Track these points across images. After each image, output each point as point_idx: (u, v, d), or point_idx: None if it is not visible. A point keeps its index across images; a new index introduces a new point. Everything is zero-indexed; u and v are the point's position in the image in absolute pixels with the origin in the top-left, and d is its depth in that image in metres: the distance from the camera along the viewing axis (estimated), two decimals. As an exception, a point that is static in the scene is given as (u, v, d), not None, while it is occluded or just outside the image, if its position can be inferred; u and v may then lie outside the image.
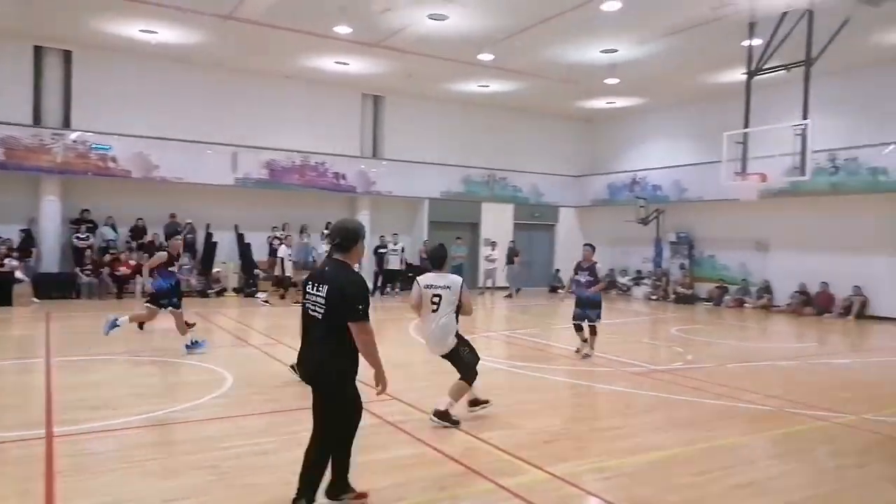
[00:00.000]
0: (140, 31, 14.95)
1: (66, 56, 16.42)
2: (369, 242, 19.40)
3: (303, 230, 18.83)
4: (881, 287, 15.56)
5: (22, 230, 15.74)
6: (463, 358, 5.98)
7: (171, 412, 6.02)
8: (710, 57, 15.73)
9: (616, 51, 15.63)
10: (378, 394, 4.07)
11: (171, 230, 17.36)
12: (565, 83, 18.22)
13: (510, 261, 20.17)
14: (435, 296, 5.85)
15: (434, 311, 5.85)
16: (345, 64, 17.32)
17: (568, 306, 17.95)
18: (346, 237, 3.96)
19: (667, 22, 13.62)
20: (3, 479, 4.36)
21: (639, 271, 21.58)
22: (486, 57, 15.65)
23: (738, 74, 15.43)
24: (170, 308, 9.40)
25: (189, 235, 17.64)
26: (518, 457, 5.02)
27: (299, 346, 4.10)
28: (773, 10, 12.23)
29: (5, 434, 5.23)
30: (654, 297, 19.82)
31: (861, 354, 11.26)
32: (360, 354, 3.92)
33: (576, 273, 9.70)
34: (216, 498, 4.17)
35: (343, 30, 14.14)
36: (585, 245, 9.89)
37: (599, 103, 21.20)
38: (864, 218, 15.75)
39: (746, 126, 13.51)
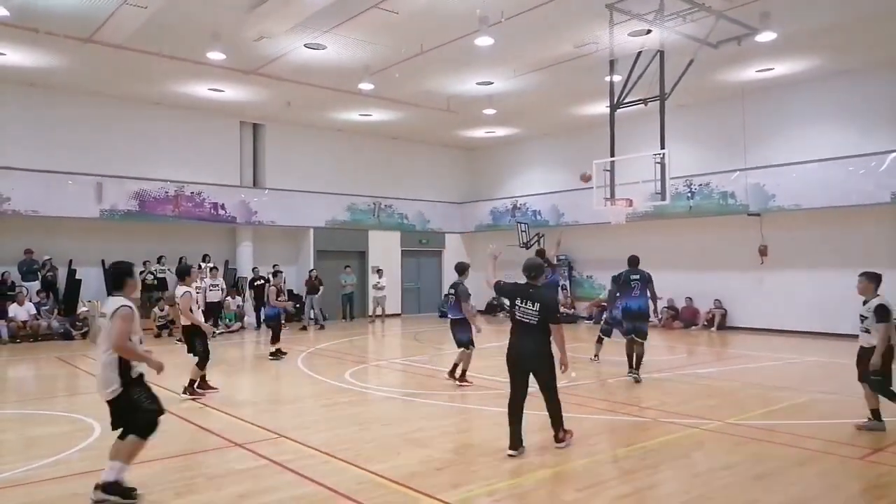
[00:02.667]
0: (-13, 52, 13.70)
1: None
2: (249, 275, 18.76)
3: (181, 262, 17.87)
4: (737, 300, 17.11)
5: None
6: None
7: (26, 471, 5.44)
8: (576, 91, 16.81)
9: (492, 83, 16.30)
10: (563, 371, 6.12)
11: (28, 267, 15.92)
12: (446, 113, 18.70)
13: (314, 290, 18.73)
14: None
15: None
16: (220, 91, 16.78)
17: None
18: (538, 270, 6.28)
19: (535, 57, 14.43)
20: None
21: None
22: (366, 86, 15.75)
23: (603, 107, 16.56)
24: None
25: (49, 273, 16.21)
26: (410, 487, 4.99)
27: (510, 339, 6.12)
28: (630, 49, 13.30)
29: None
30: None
31: (724, 363, 12.27)
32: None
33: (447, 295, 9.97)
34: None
35: (216, 56, 13.67)
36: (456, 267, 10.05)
37: (479, 132, 21.93)
38: (719, 237, 17.34)
39: (612, 155, 14.45)
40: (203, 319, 9.04)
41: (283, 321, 13.44)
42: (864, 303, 6.58)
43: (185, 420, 7.29)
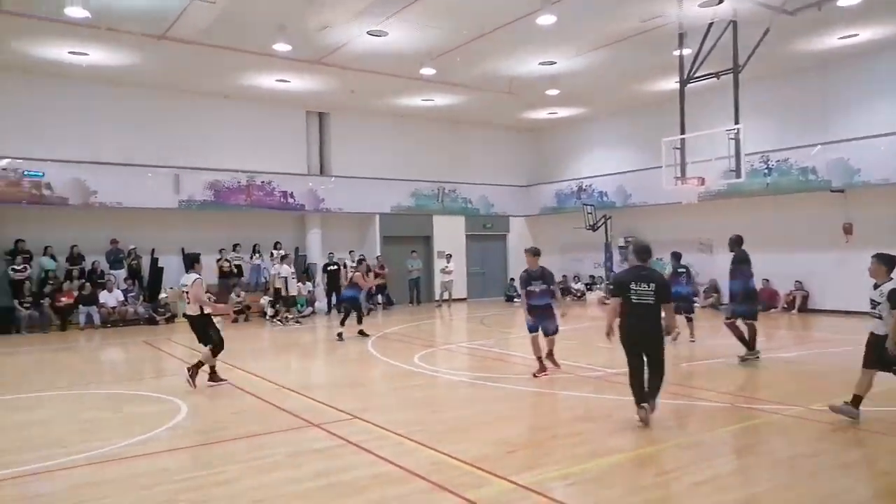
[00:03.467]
0: (69, 52, 14.46)
1: (-7, 81, 15.75)
2: (319, 261, 19.25)
3: (255, 250, 18.58)
4: (820, 281, 16.29)
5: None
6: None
7: (123, 447, 5.79)
8: (643, 67, 16.28)
9: (554, 63, 15.99)
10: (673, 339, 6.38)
11: (115, 256, 16.86)
12: (508, 95, 18.52)
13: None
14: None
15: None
16: (286, 81, 17.16)
17: (522, 315, 18.20)
18: (648, 253, 6.42)
19: (600, 34, 14.05)
20: (-57, 531, 4.11)
21: (592, 276, 22.00)
22: (428, 71, 15.77)
23: (672, 83, 16.00)
24: None
25: (134, 262, 17.11)
26: (482, 468, 5.02)
27: (625, 321, 6.19)
28: (700, 20, 12.76)
29: (-58, 483, 4.93)
30: (607, 302, 20.14)
31: (805, 347, 11.74)
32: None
33: (529, 283, 8.69)
34: (176, 533, 4.03)
35: (282, 48, 14.01)
36: (527, 250, 8.86)
37: (542, 114, 21.62)
38: (799, 216, 16.50)
39: (682, 132, 13.98)
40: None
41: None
42: (876, 286, 6.05)
43: (263, 400, 7.58)
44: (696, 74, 13.62)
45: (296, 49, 14.23)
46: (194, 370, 8.33)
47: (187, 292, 8.51)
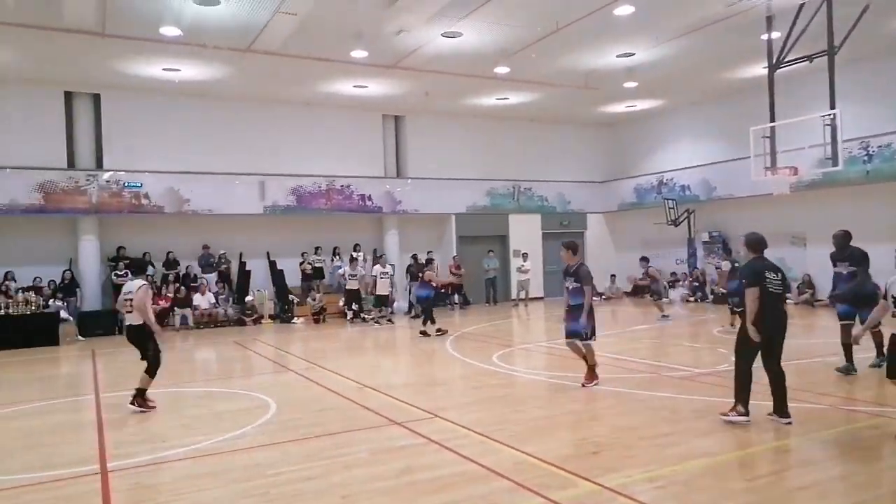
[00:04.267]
0: (163, 69, 15.37)
1: (96, 99, 16.96)
2: (399, 261, 19.55)
3: (335, 252, 19.11)
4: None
5: (64, 271, 16.17)
6: None
7: (218, 441, 6.09)
8: (728, 53, 15.58)
9: (633, 54, 15.57)
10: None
11: (206, 261, 17.74)
12: (584, 90, 18.19)
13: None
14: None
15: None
16: (363, 87, 17.55)
17: (602, 313, 17.85)
18: (765, 243, 6.20)
19: (681, 22, 13.56)
20: (62, 516, 4.45)
21: (673, 273, 21.27)
22: (502, 70, 15.73)
23: (760, 69, 15.25)
24: None
25: (223, 266, 17.95)
26: (566, 469, 4.95)
27: (773, 314, 5.99)
28: (790, 2, 12.09)
29: (61, 471, 5.34)
30: (691, 299, 19.50)
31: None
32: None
33: (564, 279, 8.23)
34: (269, 525, 4.19)
35: (359, 54, 14.36)
36: (563, 244, 8.22)
37: (620, 107, 21.11)
38: (903, 204, 15.34)
39: (772, 120, 13.30)
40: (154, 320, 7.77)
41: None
42: None
43: (346, 398, 7.78)
44: (787, 58, 12.92)
45: (372, 55, 14.55)
46: (138, 399, 7.49)
47: (130, 300, 7.51)
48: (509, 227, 21.65)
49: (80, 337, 15.01)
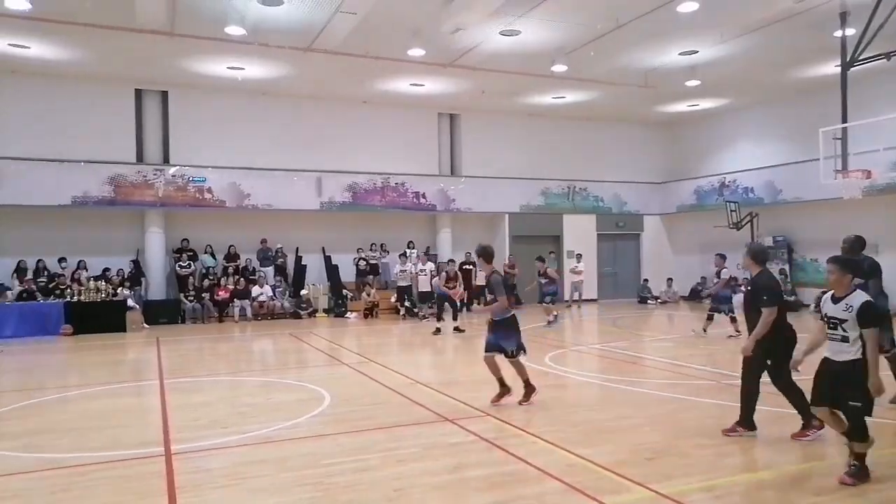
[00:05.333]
0: (228, 68, 15.84)
1: (164, 96, 17.62)
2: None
3: (382, 248, 19.31)
4: None
5: (131, 261, 16.89)
6: None
7: (274, 430, 6.24)
8: (797, 51, 14.99)
9: (696, 52, 15.17)
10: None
11: (264, 255, 18.21)
12: (644, 88, 17.82)
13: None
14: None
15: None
16: (420, 85, 17.66)
17: (658, 318, 17.46)
18: (768, 255, 5.92)
19: (748, 19, 13.12)
20: (128, 494, 4.65)
21: (734, 278, 20.57)
22: (559, 68, 15.56)
23: (831, 67, 14.61)
24: None
25: (280, 260, 18.38)
26: (620, 474, 4.87)
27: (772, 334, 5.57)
28: (868, -5, 11.55)
29: (127, 452, 5.59)
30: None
31: None
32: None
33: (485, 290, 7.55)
34: (323, 514, 4.27)
35: (417, 52, 14.46)
36: (476, 251, 7.57)
37: (681, 107, 20.59)
38: None
39: (844, 120, 12.73)
40: None
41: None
42: (837, 300, 4.76)
43: (398, 393, 7.85)
44: (862, 56, 12.34)
45: (429, 53, 14.62)
46: None
47: None
48: (563, 227, 21.41)
49: (145, 325, 15.65)
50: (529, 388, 7.21)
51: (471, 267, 18.75)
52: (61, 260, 16.03)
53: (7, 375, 10.28)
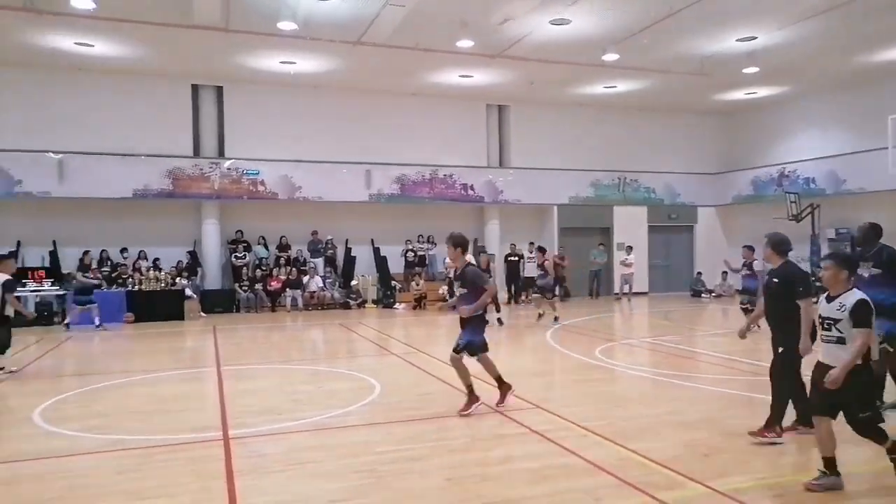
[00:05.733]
0: (280, 62, 16.12)
1: (219, 91, 18.07)
2: (499, 252, 19.54)
3: (430, 240, 19.39)
4: None
5: (188, 251, 17.44)
6: None
7: (327, 418, 6.37)
8: (864, 36, 14.32)
9: (755, 38, 14.65)
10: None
11: (314, 246, 18.53)
12: (698, 76, 17.33)
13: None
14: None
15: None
16: (469, 77, 17.60)
17: (713, 312, 17.03)
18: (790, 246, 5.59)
19: (810, 2, 12.58)
20: (189, 476, 4.82)
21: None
22: (611, 57, 15.26)
23: (903, 50, 13.90)
24: None
25: (330, 251, 18.68)
26: (674, 469, 4.78)
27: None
28: (945, -27, 10.92)
29: (188, 435, 5.79)
30: (814, 301, 18.17)
31: None
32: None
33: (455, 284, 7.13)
34: (375, 500, 4.34)
35: (465, 44, 14.41)
36: (448, 240, 6.65)
37: (738, 95, 19.94)
38: None
39: (916, 106, 12.11)
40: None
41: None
42: (831, 299, 4.47)
43: (448, 384, 7.88)
44: (935, 39, 11.70)
45: (478, 44, 14.55)
46: None
47: None
48: (613, 218, 21.07)
49: (202, 313, 16.15)
50: (504, 387, 6.61)
51: (516, 259, 18.73)
52: (123, 250, 16.68)
53: (75, 360, 10.80)
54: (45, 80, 16.29)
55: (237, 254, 17.59)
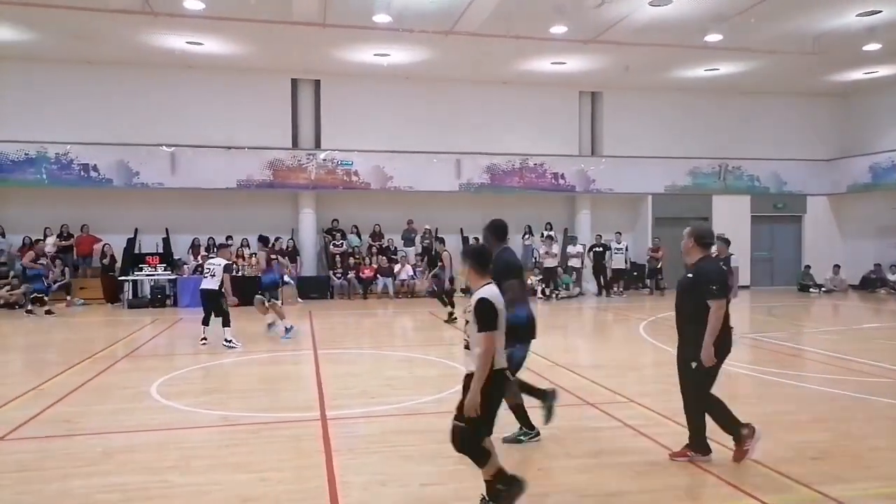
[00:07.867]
0: (374, 55, 16.45)
1: (316, 85, 18.67)
2: (587, 241, 19.14)
3: (525, 231, 19.24)
4: None
5: (287, 239, 18.19)
6: None
7: (419, 403, 6.49)
8: None
9: (879, 11, 13.49)
10: None
11: (407, 235, 18.84)
12: (810, 56, 16.16)
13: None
14: None
15: None
16: (561, 63, 17.27)
17: (821, 308, 15.95)
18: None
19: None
20: (290, 452, 5.06)
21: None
22: (713, 38, 14.50)
23: None
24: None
25: (426, 241, 18.93)
26: (781, 472, 4.54)
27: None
28: None
29: (287, 415, 6.08)
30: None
31: None
32: None
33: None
34: (467, 486, 4.38)
35: (559, 30, 14.12)
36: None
37: (855, 75, 18.46)
38: None
39: None
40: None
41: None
42: None
43: (538, 375, 7.81)
44: None
45: (572, 30, 14.25)
46: None
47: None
48: (713, 208, 20.09)
49: (299, 299, 16.84)
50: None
51: (602, 250, 18.31)
52: (228, 238, 17.61)
53: (186, 341, 11.55)
54: (158, 78, 17.43)
55: (336, 242, 18.19)
